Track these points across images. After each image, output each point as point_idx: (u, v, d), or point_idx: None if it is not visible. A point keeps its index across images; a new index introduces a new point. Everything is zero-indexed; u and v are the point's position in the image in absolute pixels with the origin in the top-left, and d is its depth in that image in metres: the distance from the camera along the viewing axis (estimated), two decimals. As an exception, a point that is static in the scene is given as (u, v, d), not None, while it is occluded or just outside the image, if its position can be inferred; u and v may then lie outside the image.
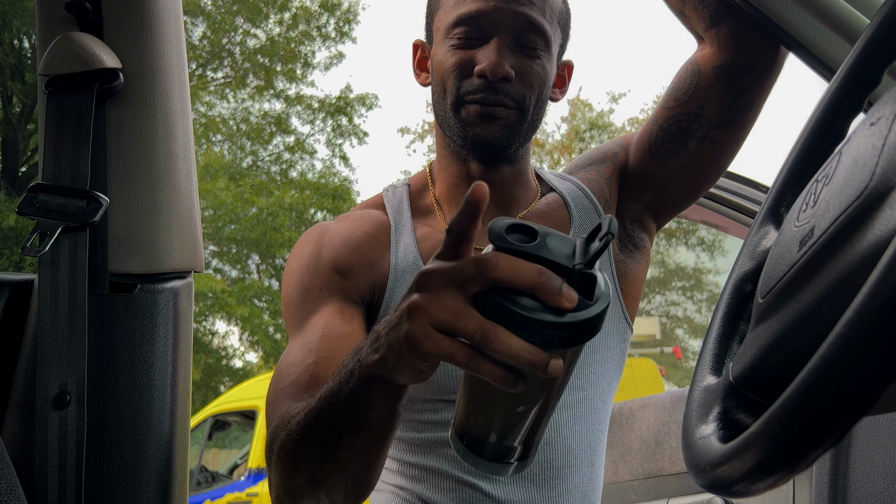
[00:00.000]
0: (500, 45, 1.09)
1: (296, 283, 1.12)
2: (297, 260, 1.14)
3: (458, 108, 1.11)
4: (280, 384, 1.01)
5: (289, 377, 1.00)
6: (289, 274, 1.15)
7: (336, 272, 1.10)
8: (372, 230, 1.16)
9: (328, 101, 14.81)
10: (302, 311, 1.09)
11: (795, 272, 0.51)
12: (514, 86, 1.09)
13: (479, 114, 1.09)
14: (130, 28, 1.09)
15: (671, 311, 18.18)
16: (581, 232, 1.17)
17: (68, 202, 1.04)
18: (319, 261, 1.12)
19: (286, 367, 1.02)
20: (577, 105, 16.70)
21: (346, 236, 1.14)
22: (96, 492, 1.02)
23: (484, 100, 1.09)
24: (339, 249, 1.13)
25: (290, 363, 1.01)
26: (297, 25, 14.34)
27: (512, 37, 1.10)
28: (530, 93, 1.11)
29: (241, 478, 7.01)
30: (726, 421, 0.54)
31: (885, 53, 0.61)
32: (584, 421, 1.12)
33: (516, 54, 1.10)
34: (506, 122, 1.10)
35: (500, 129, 1.10)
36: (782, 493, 1.56)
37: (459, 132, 1.11)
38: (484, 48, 1.10)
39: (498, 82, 1.08)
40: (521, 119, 1.11)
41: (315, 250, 1.13)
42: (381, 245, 1.14)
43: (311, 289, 1.10)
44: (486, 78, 1.08)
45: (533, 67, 1.11)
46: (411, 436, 1.11)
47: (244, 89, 14.43)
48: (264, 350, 14.06)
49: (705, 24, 1.16)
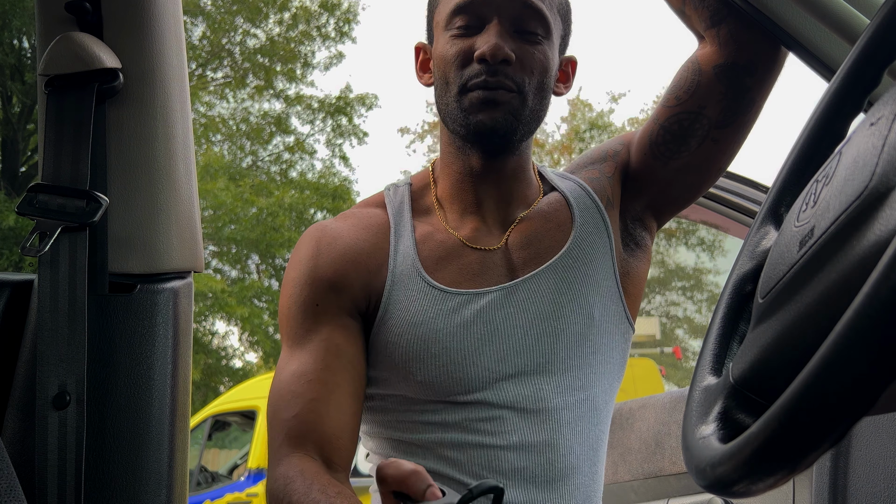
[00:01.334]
0: (499, 30, 1.09)
1: (293, 294, 1.13)
2: (296, 269, 1.15)
3: (461, 97, 1.11)
4: (279, 412, 1.07)
5: (289, 407, 1.05)
6: (287, 282, 1.16)
7: (332, 290, 1.11)
8: (370, 236, 1.16)
9: (328, 101, 14.81)
10: (300, 326, 1.11)
11: (795, 272, 0.51)
12: (514, 70, 1.09)
13: (482, 100, 1.09)
14: (130, 28, 1.09)
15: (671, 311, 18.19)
16: (582, 232, 1.17)
17: (68, 202, 1.04)
18: (316, 273, 1.12)
19: (286, 393, 1.07)
20: (577, 105, 16.71)
21: (343, 247, 1.14)
22: (96, 492, 1.02)
23: (485, 83, 1.09)
24: (336, 263, 1.13)
25: (290, 391, 1.06)
26: (297, 25, 14.34)
27: (511, 21, 1.10)
28: (530, 78, 1.11)
29: (240, 478, 7.01)
30: (726, 421, 0.54)
31: (885, 53, 0.61)
32: (586, 422, 1.12)
33: (516, 40, 1.10)
34: (508, 108, 1.10)
35: (502, 115, 1.10)
36: (782, 493, 1.56)
37: (462, 121, 1.11)
38: (483, 34, 1.10)
39: (498, 65, 1.08)
40: (523, 104, 1.11)
41: (312, 260, 1.14)
42: (378, 250, 1.14)
43: (308, 303, 1.12)
44: (486, 62, 1.08)
45: (534, 53, 1.11)
46: (410, 437, 1.11)
47: (244, 89, 14.43)
48: (264, 350, 14.06)
49: (706, 24, 1.16)
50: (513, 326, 1.10)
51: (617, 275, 1.18)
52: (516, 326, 1.10)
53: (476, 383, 1.08)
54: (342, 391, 1.06)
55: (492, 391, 1.08)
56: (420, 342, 1.08)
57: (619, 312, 1.17)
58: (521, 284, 1.12)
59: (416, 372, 1.08)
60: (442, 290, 1.10)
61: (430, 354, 1.08)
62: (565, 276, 1.13)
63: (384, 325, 1.10)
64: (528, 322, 1.10)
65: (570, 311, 1.12)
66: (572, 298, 1.13)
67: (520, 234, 1.17)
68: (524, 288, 1.12)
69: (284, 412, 1.05)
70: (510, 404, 1.08)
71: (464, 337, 1.08)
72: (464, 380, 1.08)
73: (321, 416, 1.04)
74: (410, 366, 1.08)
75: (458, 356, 1.08)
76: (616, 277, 1.17)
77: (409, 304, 1.10)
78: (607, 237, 1.18)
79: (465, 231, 1.16)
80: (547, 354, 1.10)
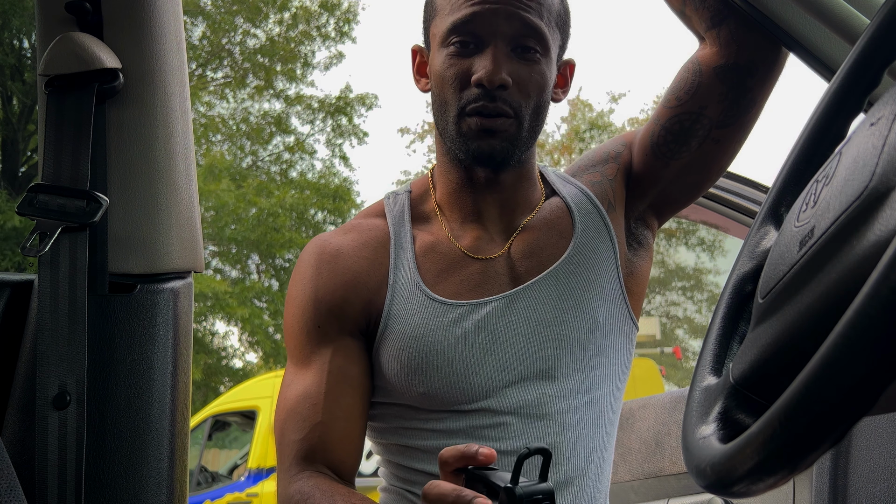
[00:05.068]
0: (496, 53, 1.08)
1: (296, 314, 1.15)
2: (298, 287, 1.16)
3: (459, 122, 1.10)
4: (287, 433, 1.10)
5: (296, 430, 1.09)
6: (290, 300, 1.18)
7: (332, 313, 1.13)
8: (370, 252, 1.16)
9: (328, 101, 14.81)
10: (304, 346, 1.14)
11: (795, 272, 0.51)
12: (511, 94, 1.09)
13: (480, 128, 1.09)
14: (130, 28, 1.09)
15: (671, 311, 18.18)
16: (584, 238, 1.17)
17: (68, 202, 1.04)
18: (316, 295, 1.14)
19: (293, 415, 1.10)
20: (577, 105, 16.70)
21: (343, 269, 1.15)
22: (96, 492, 1.02)
23: (483, 109, 1.08)
24: (335, 286, 1.14)
25: (297, 413, 1.09)
26: (297, 25, 14.33)
27: (508, 42, 1.09)
28: (527, 101, 1.10)
29: (241, 478, 7.01)
30: (726, 421, 0.54)
31: (885, 53, 0.61)
32: (591, 425, 1.12)
33: (514, 61, 1.09)
34: (505, 136, 1.09)
35: (500, 143, 1.10)
36: (782, 493, 1.56)
37: (461, 146, 1.11)
38: (480, 56, 1.09)
39: (496, 90, 1.08)
40: (519, 129, 1.11)
41: (312, 281, 1.15)
42: (379, 266, 1.15)
43: (310, 325, 1.13)
44: (484, 87, 1.08)
45: (531, 75, 1.10)
46: (415, 443, 1.11)
47: (244, 89, 14.43)
48: (264, 350, 14.06)
49: (706, 25, 1.16)
50: (515, 334, 1.10)
51: (621, 277, 1.17)
52: (518, 334, 1.10)
53: (479, 392, 1.08)
54: (346, 413, 1.09)
55: (495, 399, 1.08)
56: (421, 356, 1.08)
57: (623, 314, 1.17)
58: (522, 292, 1.12)
59: (418, 384, 1.08)
60: (442, 302, 1.10)
61: (432, 367, 1.08)
62: (567, 283, 1.13)
63: (385, 340, 1.11)
64: (531, 329, 1.10)
65: (574, 317, 1.12)
66: (575, 304, 1.12)
67: (523, 243, 1.16)
68: (525, 296, 1.12)
69: (292, 434, 1.09)
70: (514, 410, 1.08)
71: (465, 348, 1.08)
72: (467, 390, 1.08)
73: (327, 439, 1.07)
74: (413, 378, 1.09)
75: (460, 367, 1.08)
76: (620, 280, 1.17)
77: (410, 318, 1.10)
78: (610, 241, 1.18)
79: (466, 240, 1.16)
80: (550, 360, 1.10)
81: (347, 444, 1.08)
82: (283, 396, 1.13)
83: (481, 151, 1.10)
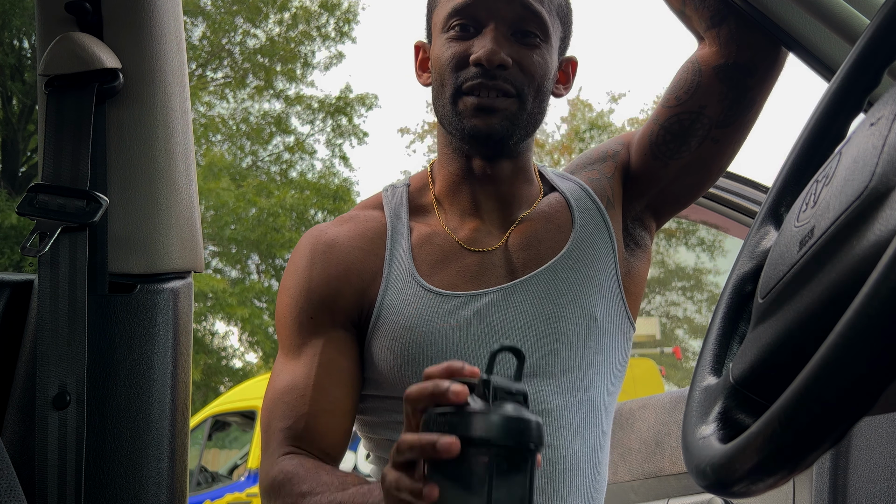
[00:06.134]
0: (495, 34, 1.09)
1: (289, 304, 1.14)
2: (291, 278, 1.16)
3: (456, 101, 1.10)
4: (274, 420, 1.08)
5: (283, 418, 1.07)
6: (283, 289, 1.17)
7: (325, 305, 1.12)
8: (365, 244, 1.15)
9: (328, 101, 14.80)
10: (295, 336, 1.13)
11: (795, 272, 0.51)
12: (511, 74, 1.09)
13: (477, 106, 1.09)
14: (130, 28, 1.09)
15: (671, 311, 18.17)
16: (583, 234, 1.17)
17: (68, 202, 1.04)
18: (310, 286, 1.13)
19: (280, 403, 1.09)
20: (577, 105, 16.70)
21: (337, 260, 1.14)
22: (96, 492, 1.02)
23: (482, 87, 1.08)
24: (329, 278, 1.13)
25: (284, 402, 1.08)
26: (297, 25, 14.33)
27: (508, 25, 1.10)
28: (530, 82, 1.10)
29: (240, 478, 7.01)
30: (726, 421, 0.54)
31: (885, 53, 0.61)
32: (587, 422, 1.11)
33: (514, 44, 1.10)
34: (505, 114, 1.09)
35: (499, 121, 1.09)
36: (782, 493, 1.56)
37: (458, 125, 1.11)
38: (479, 38, 1.09)
39: (495, 69, 1.08)
40: (521, 109, 1.10)
41: (306, 271, 1.14)
42: (374, 257, 1.14)
43: (302, 315, 1.13)
44: (483, 66, 1.08)
45: (532, 57, 1.10)
46: None
47: (244, 89, 14.42)
48: (264, 350, 14.05)
49: (706, 24, 1.16)
50: (511, 327, 1.09)
51: (619, 275, 1.17)
52: (514, 327, 1.10)
53: None
54: (334, 405, 1.08)
55: None
56: (415, 345, 1.08)
57: (620, 313, 1.17)
58: (520, 286, 1.11)
59: (411, 375, 1.08)
60: (438, 293, 1.10)
61: (426, 357, 1.07)
62: (566, 278, 1.13)
63: (378, 331, 1.10)
64: (527, 323, 1.10)
65: (572, 313, 1.12)
66: (573, 300, 1.12)
67: (520, 236, 1.16)
68: (522, 289, 1.11)
69: (278, 422, 1.08)
70: None
71: (460, 339, 1.08)
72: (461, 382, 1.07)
73: (313, 429, 1.06)
74: (406, 369, 1.08)
75: (454, 358, 1.07)
76: (618, 277, 1.17)
77: (403, 308, 1.10)
78: (609, 238, 1.18)
79: (464, 232, 1.16)
80: (547, 356, 1.10)
81: (333, 435, 1.07)
82: (271, 385, 1.12)
83: (478, 130, 1.09)
